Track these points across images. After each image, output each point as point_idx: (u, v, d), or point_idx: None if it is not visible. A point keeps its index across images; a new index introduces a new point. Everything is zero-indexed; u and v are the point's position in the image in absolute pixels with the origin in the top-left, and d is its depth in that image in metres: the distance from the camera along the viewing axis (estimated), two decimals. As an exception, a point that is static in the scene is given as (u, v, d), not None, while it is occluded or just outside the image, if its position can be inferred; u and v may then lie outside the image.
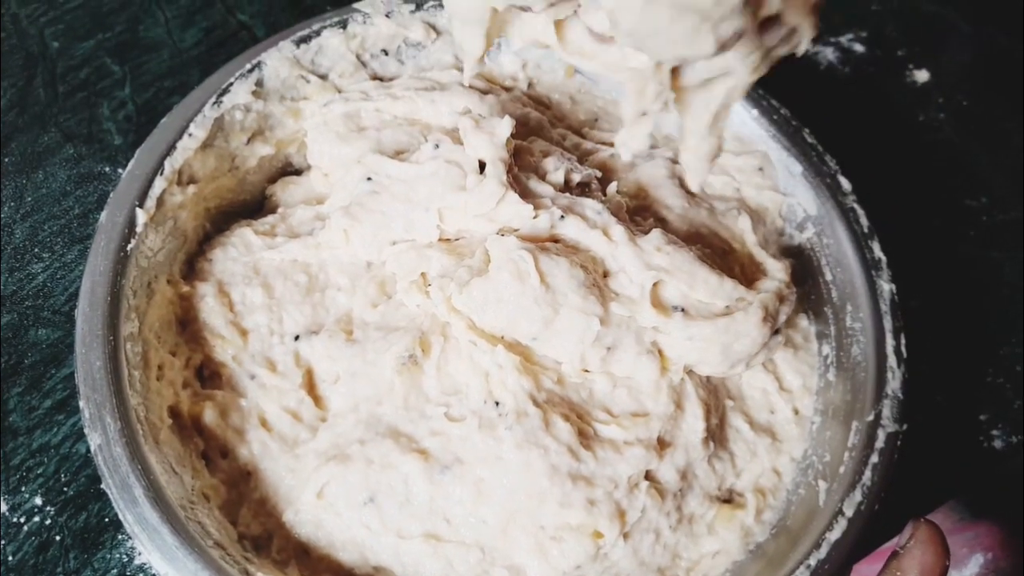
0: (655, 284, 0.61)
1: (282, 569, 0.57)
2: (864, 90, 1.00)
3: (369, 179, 0.66)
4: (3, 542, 0.62)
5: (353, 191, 0.67)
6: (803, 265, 0.72)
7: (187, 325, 0.66)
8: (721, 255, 0.70)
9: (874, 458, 0.60)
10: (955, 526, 0.73)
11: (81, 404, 0.56)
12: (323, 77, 0.77)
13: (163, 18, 0.95)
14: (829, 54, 1.02)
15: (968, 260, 0.88)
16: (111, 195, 0.64)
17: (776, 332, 0.64)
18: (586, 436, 0.60)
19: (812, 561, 0.56)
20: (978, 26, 1.07)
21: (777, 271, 0.68)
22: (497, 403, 0.59)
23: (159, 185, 0.65)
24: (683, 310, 0.61)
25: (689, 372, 0.63)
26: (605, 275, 0.62)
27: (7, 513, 0.64)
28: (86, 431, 0.55)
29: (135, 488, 0.53)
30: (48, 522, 0.64)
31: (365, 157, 0.68)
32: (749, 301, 0.62)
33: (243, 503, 0.60)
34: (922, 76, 1.02)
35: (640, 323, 0.61)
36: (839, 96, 0.98)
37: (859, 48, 1.03)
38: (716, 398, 0.66)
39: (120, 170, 0.66)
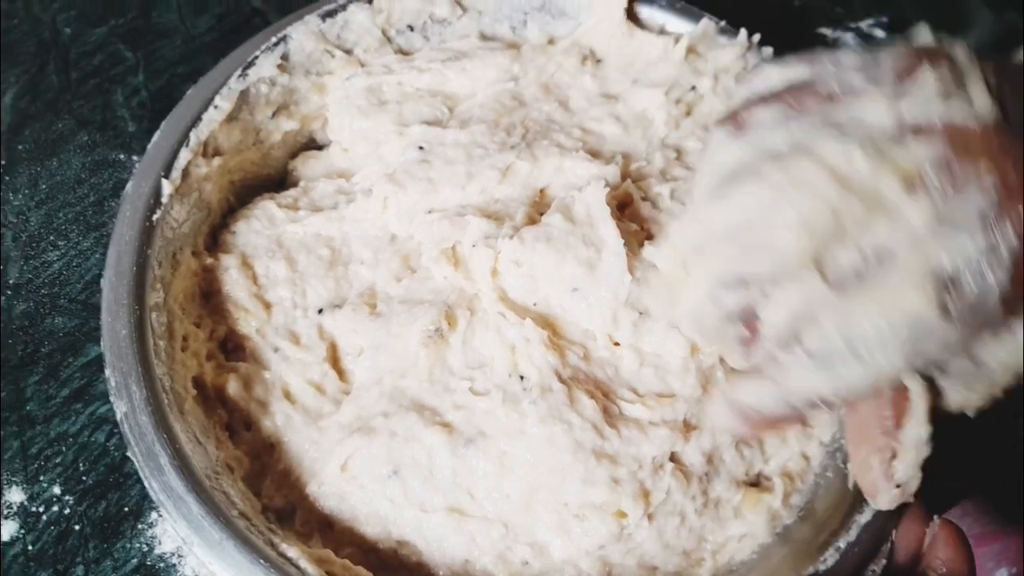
0: None
1: (306, 541, 0.57)
2: (885, 77, 0.98)
3: (421, 148, 0.68)
4: (23, 531, 0.61)
5: (399, 159, 0.68)
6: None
7: (211, 297, 0.66)
8: None
9: (905, 440, 0.59)
10: (983, 533, 0.72)
11: (107, 372, 0.56)
12: (348, 52, 0.76)
13: (176, 3, 0.94)
14: (849, 40, 1.00)
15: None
16: (137, 165, 0.64)
17: None
18: (610, 414, 0.59)
19: (842, 544, 0.55)
20: (999, 11, 1.04)
21: None
22: (522, 377, 0.59)
23: (184, 156, 0.65)
24: None
25: (720, 359, 0.62)
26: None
27: (26, 502, 0.63)
28: (112, 399, 0.55)
29: (160, 456, 0.53)
30: (67, 511, 0.62)
31: (409, 128, 0.69)
32: None
33: (266, 475, 0.60)
34: (943, 62, 1.00)
35: None
36: (860, 82, 0.97)
37: (880, 34, 1.01)
38: (745, 385, 0.65)
39: (135, 157, 0.65)
